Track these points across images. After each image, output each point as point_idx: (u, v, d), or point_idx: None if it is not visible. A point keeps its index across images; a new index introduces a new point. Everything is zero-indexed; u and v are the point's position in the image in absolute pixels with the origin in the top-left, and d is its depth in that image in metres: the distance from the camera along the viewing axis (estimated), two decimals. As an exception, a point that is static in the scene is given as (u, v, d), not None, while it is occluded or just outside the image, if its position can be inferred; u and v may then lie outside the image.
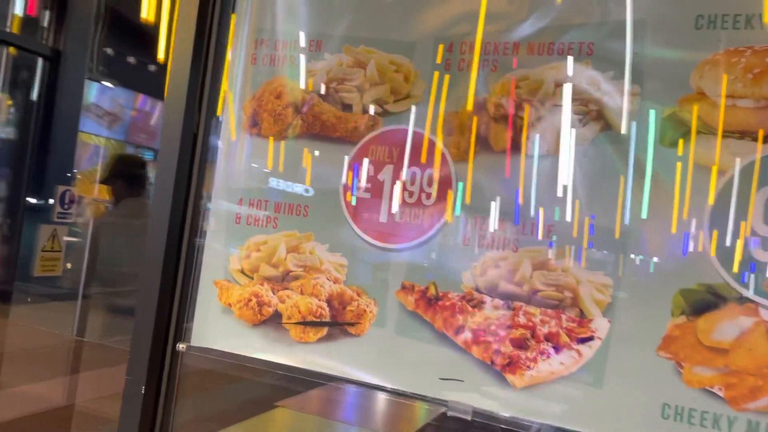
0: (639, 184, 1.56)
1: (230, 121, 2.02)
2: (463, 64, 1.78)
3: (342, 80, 1.91)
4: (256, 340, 1.91)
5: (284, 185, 1.94)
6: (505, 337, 1.64)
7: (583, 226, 1.61)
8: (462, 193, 1.75)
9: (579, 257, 1.61)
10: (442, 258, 1.76)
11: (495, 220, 1.70)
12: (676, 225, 1.51)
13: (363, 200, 1.86)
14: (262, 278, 1.94)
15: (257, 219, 1.97)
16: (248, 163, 2.01)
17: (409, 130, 1.83)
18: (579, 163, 1.63)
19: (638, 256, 1.54)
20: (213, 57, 2.02)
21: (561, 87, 1.67)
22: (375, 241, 1.83)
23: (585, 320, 1.59)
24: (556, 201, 1.64)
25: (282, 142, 1.97)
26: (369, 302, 1.81)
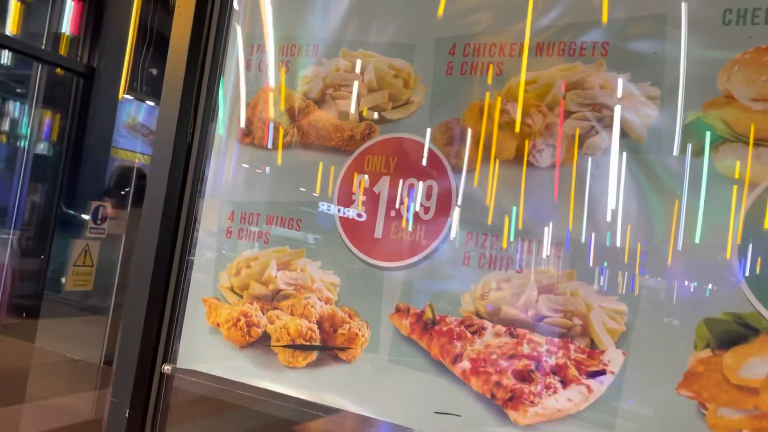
0: (658, 198, 1.40)
1: (223, 131, 1.94)
2: (467, 67, 1.66)
3: (339, 86, 1.82)
4: (244, 364, 1.81)
5: (276, 197, 1.84)
6: (508, 369, 1.49)
7: (595, 245, 1.45)
8: (464, 208, 1.61)
9: (590, 280, 1.45)
10: (440, 278, 1.63)
11: (498, 237, 1.55)
12: (700, 245, 1.34)
13: (357, 214, 1.74)
14: (252, 297, 1.84)
15: (248, 233, 1.88)
16: (240, 174, 1.93)
17: (407, 139, 1.71)
18: (591, 175, 1.48)
19: (657, 280, 1.37)
20: (210, 63, 1.96)
21: (572, 91, 1.53)
22: (369, 258, 1.71)
23: (596, 351, 1.43)
24: (565, 217, 1.49)
25: (276, 152, 1.88)
26: (361, 325, 1.69)
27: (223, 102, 1.97)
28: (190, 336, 1.92)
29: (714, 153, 1.35)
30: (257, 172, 1.90)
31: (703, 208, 1.35)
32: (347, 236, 1.75)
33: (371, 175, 1.74)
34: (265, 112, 1.91)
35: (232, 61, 1.97)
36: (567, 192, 1.50)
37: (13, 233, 4.83)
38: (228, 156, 1.95)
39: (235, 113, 1.96)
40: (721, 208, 1.32)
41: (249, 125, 1.93)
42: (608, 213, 1.45)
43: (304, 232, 1.81)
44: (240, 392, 1.81)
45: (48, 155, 5.33)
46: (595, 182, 1.48)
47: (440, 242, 1.63)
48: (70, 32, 5.22)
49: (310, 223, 1.81)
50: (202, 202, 1.95)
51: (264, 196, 1.88)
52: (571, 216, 1.49)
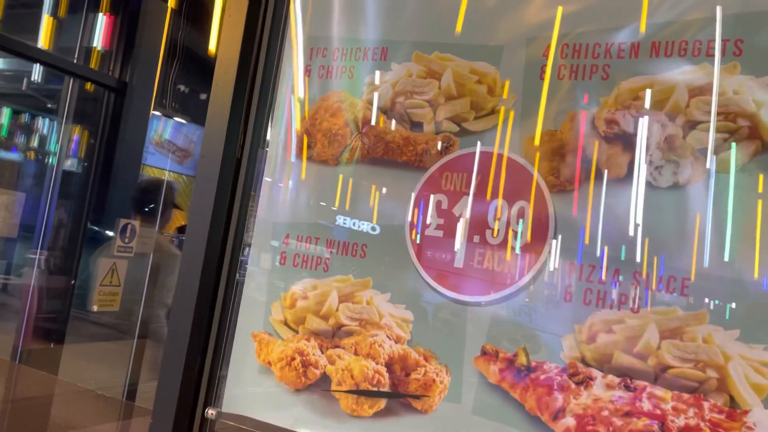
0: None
1: (278, 144, 1.75)
2: (565, 70, 1.45)
3: (411, 94, 1.62)
4: (299, 410, 1.59)
5: (339, 219, 1.64)
6: (623, 428, 1.25)
7: (732, 280, 1.21)
8: (564, 233, 1.39)
9: (727, 323, 1.21)
10: (536, 317, 1.40)
11: (609, 269, 1.33)
12: None
13: (434, 240, 1.53)
14: (309, 332, 1.63)
15: (306, 259, 1.67)
16: (297, 193, 1.73)
17: (494, 154, 1.50)
18: (726, 196, 1.25)
19: (820, 327, 1.13)
20: (263, 68, 1.78)
21: (698, 98, 1.30)
22: (448, 291, 1.49)
23: (737, 412, 1.18)
24: (695, 245, 1.25)
25: (338, 168, 1.68)
26: (440, 369, 1.46)
27: (279, 112, 1.79)
28: (237, 376, 1.71)
29: None
30: (316, 190, 1.70)
31: None
32: (422, 265, 1.53)
33: (450, 195, 1.53)
34: (326, 123, 1.71)
35: (289, 66, 1.78)
36: (694, 216, 1.27)
37: (40, 253, 4.71)
38: (283, 172, 1.75)
39: (292, 124, 1.77)
40: None
41: (307, 138, 1.74)
42: (746, 241, 1.22)
43: (371, 260, 1.60)
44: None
45: (76, 171, 5.25)
46: (732, 206, 1.24)
47: (536, 274, 1.41)
48: (101, 46, 5.17)
49: (378, 249, 1.60)
50: (253, 223, 1.76)
51: (324, 218, 1.68)
52: (699, 245, 1.25)
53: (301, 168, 1.73)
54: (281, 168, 1.75)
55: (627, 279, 1.32)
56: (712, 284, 1.24)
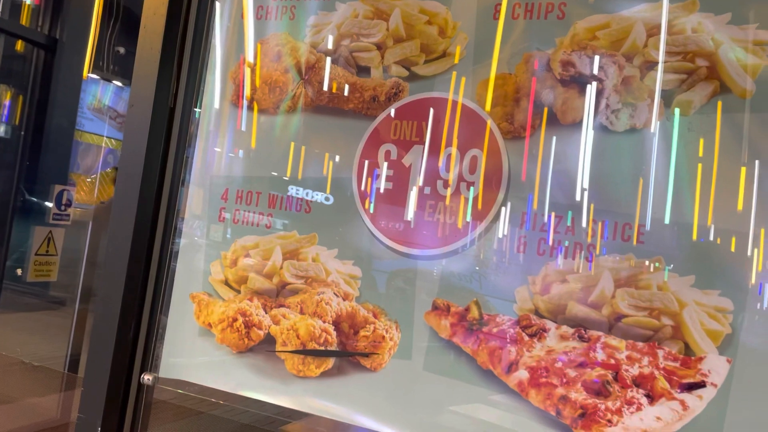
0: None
1: (214, 92, 1.63)
2: (519, 9, 1.38)
3: (357, 36, 1.52)
4: (242, 373, 1.52)
5: (281, 172, 1.55)
6: (577, 379, 1.23)
7: (690, 226, 1.19)
8: (517, 182, 1.34)
9: (682, 269, 1.19)
10: (488, 268, 1.35)
11: (564, 217, 1.28)
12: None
13: (383, 192, 1.46)
14: (252, 292, 1.55)
15: (246, 216, 1.58)
16: (236, 145, 1.62)
17: (445, 99, 1.43)
18: (682, 139, 1.21)
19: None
20: (196, 9, 1.65)
21: (656, 37, 1.26)
22: (398, 245, 1.43)
23: (692, 359, 1.17)
24: (650, 191, 1.22)
25: (280, 117, 1.58)
26: (389, 326, 1.41)
27: (214, 57, 1.66)
28: (175, 339, 1.62)
29: None
30: (257, 141, 1.59)
31: (833, 179, 1.09)
32: (370, 219, 1.46)
33: (400, 144, 1.45)
34: (267, 69, 1.60)
35: (224, 6, 1.65)
36: (650, 161, 1.23)
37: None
38: (220, 122, 1.64)
39: (228, 70, 1.65)
40: None
41: (245, 84, 1.62)
42: (704, 186, 1.19)
43: (316, 214, 1.52)
44: (237, 407, 1.52)
45: (4, 137, 4.95)
46: (688, 148, 1.21)
47: (488, 224, 1.35)
48: (30, 0, 4.83)
49: (324, 204, 1.51)
50: (189, 179, 1.65)
51: (266, 171, 1.58)
52: (656, 191, 1.22)
53: (240, 118, 1.62)
54: (218, 118, 1.63)
55: (581, 227, 1.28)
56: (668, 231, 1.21)
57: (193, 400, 1.58)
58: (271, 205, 1.56)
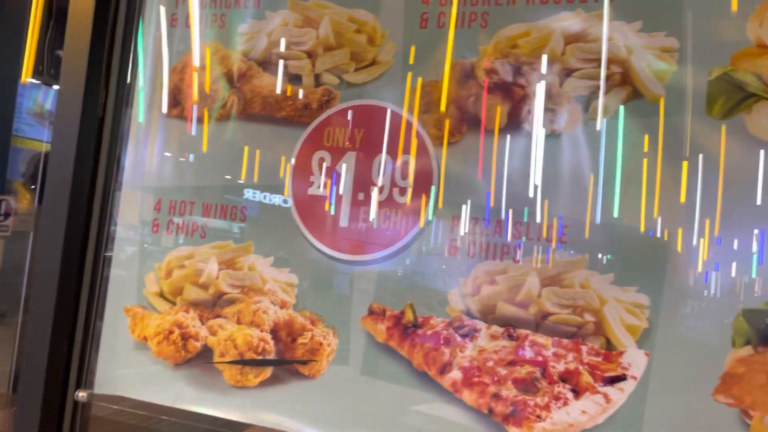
0: (681, 168, 1.20)
1: (144, 101, 1.62)
2: (444, 18, 1.42)
3: (288, 44, 1.53)
4: (180, 386, 1.51)
5: (214, 181, 1.55)
6: (507, 377, 1.27)
7: (610, 227, 1.25)
8: (447, 186, 1.38)
9: (603, 267, 1.25)
10: (421, 272, 1.39)
11: (491, 220, 1.33)
12: (734, 223, 1.15)
13: (317, 199, 1.48)
14: (188, 303, 1.54)
15: (180, 226, 1.57)
16: (168, 154, 1.61)
17: (376, 107, 1.45)
18: (599, 143, 1.27)
19: (685, 266, 1.18)
20: (123, 17, 1.63)
21: (573, 45, 1.31)
22: (334, 252, 1.45)
23: (613, 353, 1.23)
24: (572, 193, 1.27)
25: (211, 126, 1.58)
26: (327, 332, 1.43)
27: (142, 66, 1.64)
28: (110, 354, 1.60)
29: (746, 113, 1.17)
30: (189, 150, 1.59)
31: (736, 178, 1.16)
32: (306, 226, 1.48)
33: (333, 152, 1.47)
34: (196, 78, 1.59)
35: (152, 15, 1.64)
36: (571, 164, 1.29)
37: None
38: (151, 132, 1.62)
39: (158, 79, 1.64)
40: (756, 177, 1.14)
41: (176, 94, 1.62)
42: (621, 187, 1.25)
43: (251, 223, 1.52)
44: (176, 420, 1.51)
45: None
46: (605, 151, 1.27)
47: (420, 229, 1.39)
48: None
49: (259, 212, 1.52)
50: (119, 190, 1.63)
51: (198, 181, 1.57)
52: (575, 192, 1.28)
53: (171, 127, 1.61)
54: (149, 127, 1.62)
55: (508, 229, 1.33)
56: (589, 230, 1.27)
57: (131, 415, 1.56)
58: (205, 215, 1.56)
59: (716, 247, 1.16)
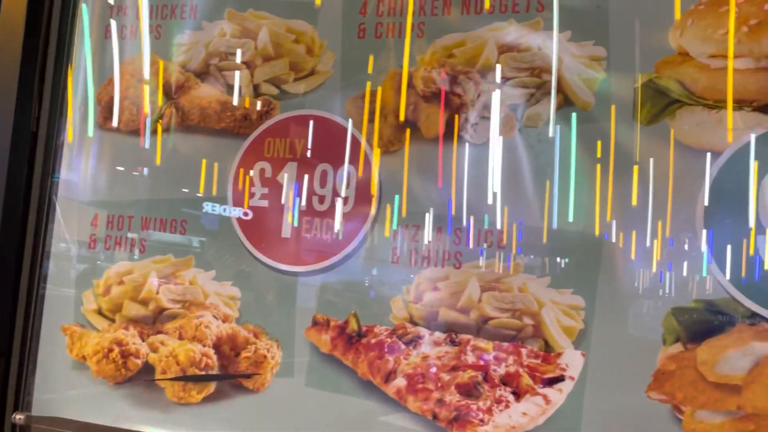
0: (611, 174, 1.24)
1: (79, 114, 1.59)
2: (382, 28, 1.44)
3: (226, 55, 1.53)
4: (120, 405, 1.48)
5: (153, 194, 1.52)
6: (450, 383, 1.29)
7: (544, 231, 1.28)
8: (388, 195, 1.39)
9: (540, 271, 1.28)
10: (364, 281, 1.40)
11: (431, 228, 1.35)
12: (662, 225, 1.20)
13: (259, 210, 1.47)
14: (127, 320, 1.51)
15: (118, 241, 1.54)
16: (105, 168, 1.58)
17: (316, 117, 1.46)
18: (533, 150, 1.31)
19: (616, 266, 1.22)
20: (57, 29, 1.59)
21: (506, 54, 1.35)
22: (276, 263, 1.45)
23: (552, 355, 1.26)
24: (510, 200, 1.30)
25: (150, 138, 1.56)
26: (270, 345, 1.42)
27: (77, 79, 1.61)
28: (48, 374, 1.55)
29: (671, 119, 1.22)
30: (126, 164, 1.56)
31: (664, 182, 1.21)
32: (247, 238, 1.47)
33: (274, 162, 1.47)
34: (133, 89, 1.57)
35: (86, 27, 1.61)
36: (507, 171, 1.32)
37: None
38: (87, 146, 1.59)
39: (93, 92, 1.61)
40: (684, 181, 1.19)
41: (112, 106, 1.59)
42: (555, 192, 1.29)
43: (192, 236, 1.50)
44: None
45: None
46: (540, 158, 1.30)
47: (363, 238, 1.40)
48: None
49: (199, 225, 1.51)
50: (55, 205, 1.59)
51: (137, 194, 1.55)
52: (513, 198, 1.31)
53: (108, 140, 1.58)
54: (84, 141, 1.59)
55: (449, 236, 1.35)
56: (526, 237, 1.30)
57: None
58: (144, 229, 1.53)
59: (645, 248, 1.21)
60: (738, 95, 1.17)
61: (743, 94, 1.17)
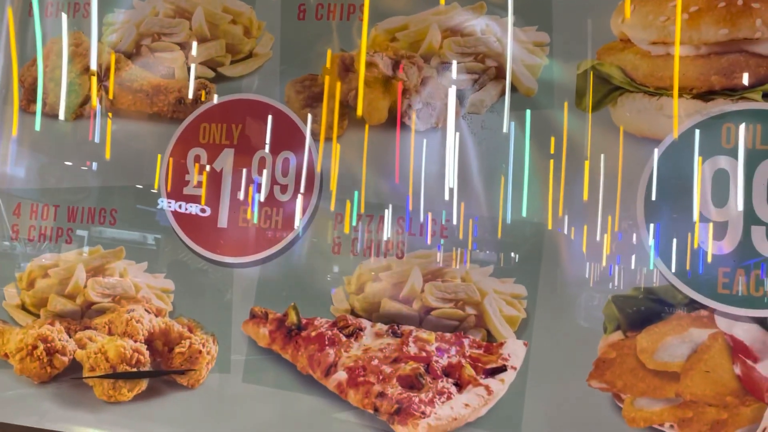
0: (550, 161, 1.24)
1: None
2: (323, 10, 1.40)
3: (159, 35, 1.46)
4: (45, 405, 1.40)
5: (80, 182, 1.45)
6: (392, 375, 1.26)
7: (487, 220, 1.26)
8: (329, 184, 1.35)
9: (482, 260, 1.27)
10: (304, 272, 1.36)
11: (375, 216, 1.32)
12: (602, 214, 1.20)
13: (194, 199, 1.41)
14: (53, 315, 1.44)
15: (42, 232, 1.46)
16: (27, 154, 1.50)
17: (254, 101, 1.41)
18: (476, 137, 1.29)
19: (557, 254, 1.22)
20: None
21: (449, 39, 1.32)
22: (212, 254, 1.40)
23: (494, 345, 1.25)
24: (453, 186, 1.28)
25: (76, 123, 1.48)
26: (206, 340, 1.37)
27: None
28: (-35, 375, 1.46)
29: (612, 106, 1.22)
30: (52, 149, 1.48)
31: (603, 171, 1.21)
32: (182, 228, 1.41)
33: (210, 149, 1.42)
34: (59, 71, 1.49)
35: (5, 3, 1.52)
36: (450, 157, 1.30)
37: None
38: (5, 130, 1.50)
39: (14, 72, 1.52)
40: (625, 170, 1.19)
41: (34, 88, 1.50)
42: (498, 180, 1.27)
43: (122, 226, 1.44)
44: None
45: None
46: (482, 145, 1.29)
47: (303, 228, 1.36)
48: None
49: (130, 214, 1.44)
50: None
51: (63, 182, 1.47)
52: (456, 187, 1.29)
53: (29, 124, 1.49)
54: (3, 125, 1.50)
55: (391, 225, 1.32)
56: (468, 226, 1.28)
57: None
58: (70, 219, 1.46)
59: (587, 236, 1.20)
60: (679, 82, 1.18)
61: (683, 81, 1.17)
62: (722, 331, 1.11)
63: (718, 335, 1.11)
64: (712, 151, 1.14)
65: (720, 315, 1.11)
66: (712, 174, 1.15)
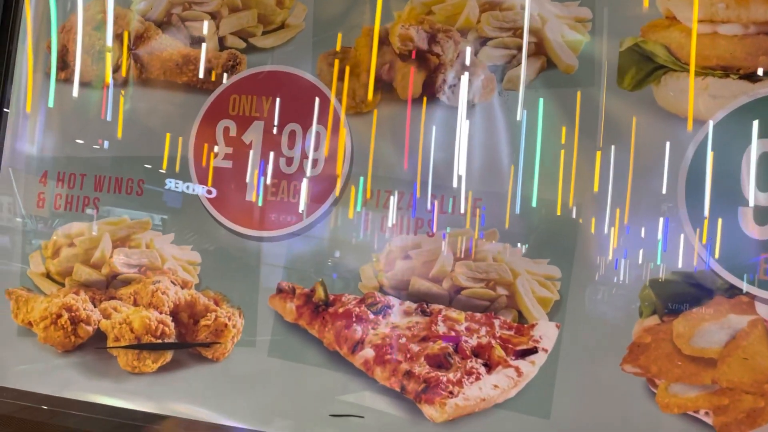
0: (588, 140, 1.22)
1: (25, 62, 1.49)
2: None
3: (190, 4, 1.45)
4: (69, 374, 1.41)
5: (108, 151, 1.44)
6: (420, 354, 1.26)
7: (521, 198, 1.25)
8: (360, 159, 1.34)
9: (515, 240, 1.25)
10: (332, 248, 1.35)
11: (404, 193, 1.30)
12: (640, 195, 1.18)
13: (222, 171, 1.41)
14: (78, 284, 1.44)
15: (69, 201, 1.46)
16: (55, 122, 1.49)
17: (286, 73, 1.40)
18: (515, 114, 1.27)
19: (594, 236, 1.20)
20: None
21: (488, 13, 1.30)
22: (240, 227, 1.39)
23: (525, 326, 1.23)
24: (485, 166, 1.27)
25: (104, 91, 1.47)
26: (232, 313, 1.37)
27: (24, 23, 1.51)
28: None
29: (656, 85, 1.19)
30: (80, 117, 1.47)
31: (644, 151, 1.19)
32: (209, 200, 1.40)
33: (239, 121, 1.41)
34: (88, 37, 1.48)
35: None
36: (486, 135, 1.28)
37: None
38: (35, 96, 1.49)
39: (43, 40, 1.51)
40: (666, 150, 1.17)
41: (65, 55, 1.49)
42: (536, 159, 1.25)
43: (149, 197, 1.43)
44: (66, 411, 1.41)
45: None
46: (520, 123, 1.27)
47: (332, 203, 1.35)
48: None
49: (158, 185, 1.44)
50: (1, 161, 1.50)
51: (91, 151, 1.47)
52: (491, 163, 1.27)
53: (59, 91, 1.49)
54: (33, 93, 1.49)
55: (422, 202, 1.31)
56: (502, 204, 1.27)
57: (15, 407, 1.45)
58: (97, 188, 1.45)
59: (624, 218, 1.18)
60: (724, 62, 1.15)
61: (730, 61, 1.15)
62: (762, 317, 1.09)
63: (758, 322, 1.09)
64: (759, 133, 1.12)
65: (760, 301, 1.09)
66: (757, 157, 1.12)
